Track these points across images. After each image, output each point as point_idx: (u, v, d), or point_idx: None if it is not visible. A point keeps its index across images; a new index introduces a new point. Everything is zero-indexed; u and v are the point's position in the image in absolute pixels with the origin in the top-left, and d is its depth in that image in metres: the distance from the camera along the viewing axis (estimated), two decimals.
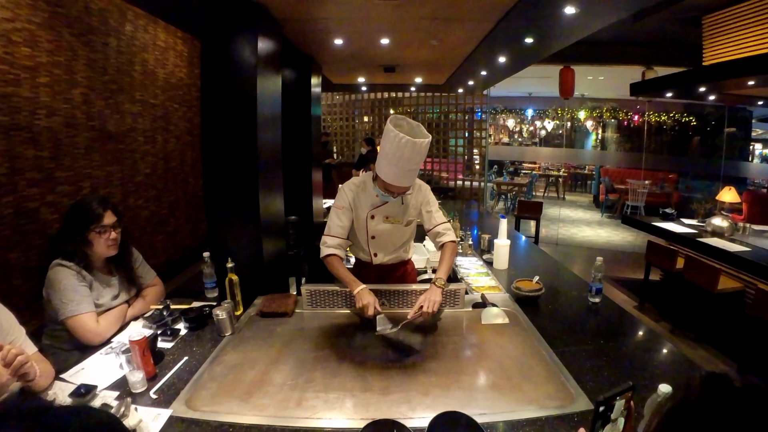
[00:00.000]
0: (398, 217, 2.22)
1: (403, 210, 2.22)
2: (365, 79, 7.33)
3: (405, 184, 2.01)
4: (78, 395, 1.39)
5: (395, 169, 1.94)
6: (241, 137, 2.59)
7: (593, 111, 12.95)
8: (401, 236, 2.30)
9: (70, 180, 3.49)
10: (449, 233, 2.24)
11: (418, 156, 1.93)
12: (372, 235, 2.24)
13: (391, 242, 2.30)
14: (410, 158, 1.90)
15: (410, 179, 2.03)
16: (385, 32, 3.77)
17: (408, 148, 1.87)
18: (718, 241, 4.06)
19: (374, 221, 2.20)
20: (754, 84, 4.41)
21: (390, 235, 2.26)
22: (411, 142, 1.86)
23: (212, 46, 2.56)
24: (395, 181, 1.98)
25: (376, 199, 2.16)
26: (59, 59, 3.32)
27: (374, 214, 2.19)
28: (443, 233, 2.23)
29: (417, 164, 1.97)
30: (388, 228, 2.22)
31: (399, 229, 2.25)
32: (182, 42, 5.18)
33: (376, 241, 2.26)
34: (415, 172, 2.02)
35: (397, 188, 2.01)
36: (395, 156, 1.90)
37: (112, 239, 1.90)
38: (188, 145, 5.48)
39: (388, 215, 2.20)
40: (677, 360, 1.78)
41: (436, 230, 2.24)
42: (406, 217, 2.23)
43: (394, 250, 2.34)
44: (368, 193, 2.19)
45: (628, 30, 5.36)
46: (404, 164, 1.92)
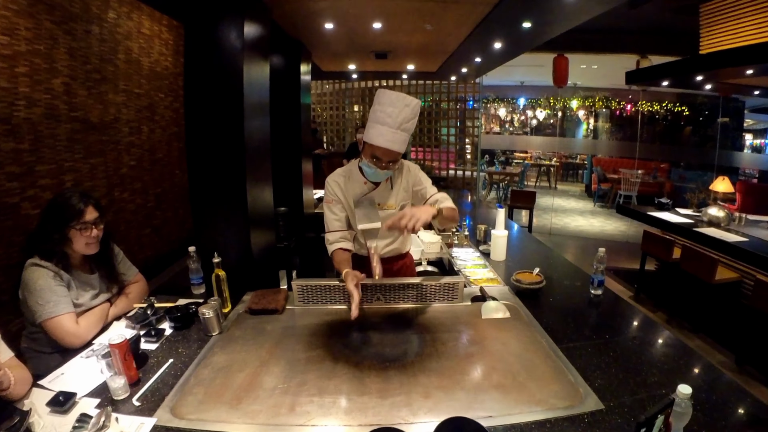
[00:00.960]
0: (390, 203, 2.12)
1: (393, 194, 2.12)
2: (356, 66, 7.21)
3: (395, 147, 1.87)
4: (56, 404, 1.29)
5: (385, 129, 1.84)
6: (228, 126, 2.48)
7: (585, 100, 12.90)
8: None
9: (51, 173, 3.34)
10: (448, 201, 2.11)
11: (411, 113, 1.85)
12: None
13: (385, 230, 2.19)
14: (404, 115, 1.83)
15: (400, 143, 1.88)
16: (377, 15, 3.66)
17: (401, 103, 1.83)
18: (715, 231, 4.03)
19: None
20: (752, 73, 4.36)
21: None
22: (404, 97, 1.84)
23: (196, 30, 2.44)
24: (385, 143, 1.85)
25: (365, 186, 2.08)
26: (39, 48, 3.16)
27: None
28: (442, 201, 2.09)
29: (410, 123, 1.88)
30: (381, 215, 2.11)
31: (391, 216, 2.14)
32: (168, 29, 5.00)
33: (372, 232, 2.17)
34: (406, 136, 1.89)
35: (385, 153, 1.87)
36: (388, 114, 1.83)
37: (94, 236, 1.78)
38: (175, 135, 5.32)
39: (379, 202, 2.10)
40: (686, 354, 1.71)
41: (434, 198, 2.11)
42: (398, 201, 2.14)
43: (393, 241, 2.24)
44: (356, 180, 2.09)
45: (623, 18, 5.28)
46: (398, 122, 1.83)
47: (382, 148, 1.87)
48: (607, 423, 1.28)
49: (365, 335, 1.81)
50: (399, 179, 2.14)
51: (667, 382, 1.48)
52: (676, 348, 1.77)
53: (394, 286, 2.10)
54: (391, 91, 1.88)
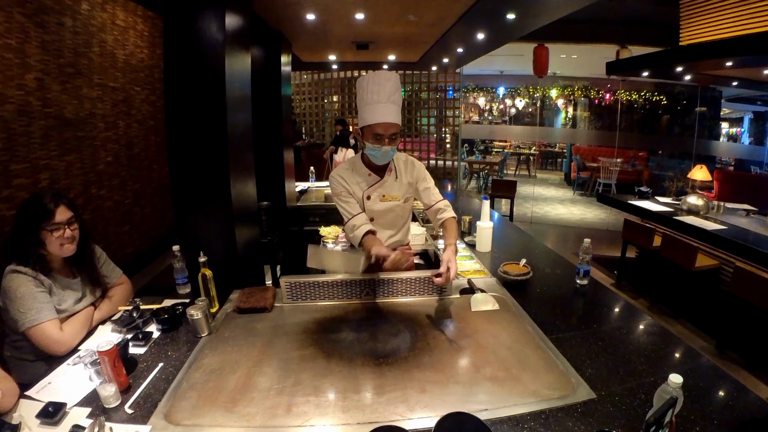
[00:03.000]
0: (395, 194, 2.13)
1: (398, 186, 2.14)
2: (336, 57, 7.14)
3: (390, 119, 1.92)
4: (46, 415, 1.25)
5: (377, 106, 1.91)
6: (210, 119, 2.42)
7: (565, 89, 13.02)
8: (401, 215, 2.22)
9: (26, 172, 3.24)
10: (450, 209, 2.19)
11: (394, 85, 1.93)
12: (371, 216, 2.13)
13: (391, 222, 2.20)
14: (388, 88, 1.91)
15: (393, 114, 1.93)
16: (360, 6, 3.61)
17: (383, 78, 1.92)
18: (695, 219, 4.12)
19: (371, 201, 2.11)
20: (731, 65, 4.45)
21: (389, 215, 2.17)
22: (384, 72, 1.95)
23: (176, 22, 2.37)
24: (381, 118, 1.90)
25: (369, 177, 2.10)
26: (10, 42, 3.05)
27: (370, 194, 2.10)
28: (444, 209, 2.18)
29: (396, 95, 1.94)
30: (387, 207, 2.13)
31: (397, 207, 2.16)
32: (143, 21, 4.88)
33: (376, 223, 2.16)
34: (397, 108, 1.95)
35: (384, 127, 1.91)
36: (374, 92, 1.90)
37: (67, 237, 1.72)
38: (152, 129, 5.21)
39: (385, 193, 2.11)
40: (672, 342, 1.75)
41: (437, 206, 2.18)
42: (402, 193, 2.15)
43: (396, 232, 2.25)
44: (360, 173, 2.11)
45: (604, 8, 5.32)
46: (384, 96, 1.90)
47: (380, 124, 1.91)
48: (600, 412, 1.30)
49: (357, 331, 1.80)
50: (404, 172, 2.16)
51: (655, 370, 1.51)
52: (662, 336, 1.81)
53: (383, 280, 2.10)
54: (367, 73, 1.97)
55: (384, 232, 2.20)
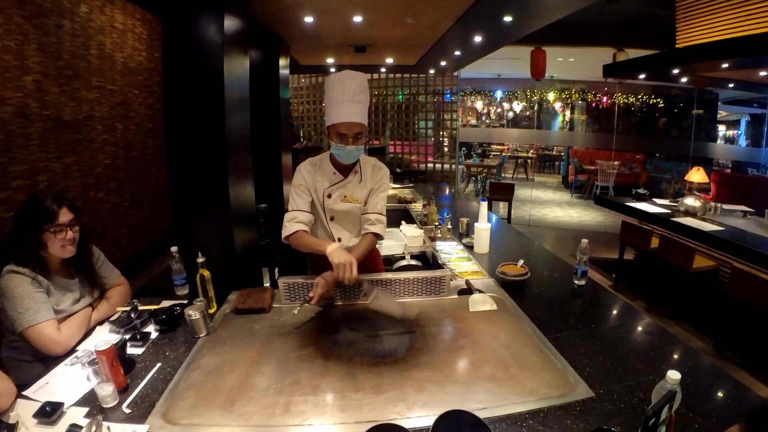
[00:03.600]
0: (356, 196, 2.11)
1: (361, 188, 2.11)
2: (335, 60, 7.16)
3: (354, 118, 1.90)
4: (43, 415, 1.24)
5: (341, 105, 1.90)
6: (208, 122, 2.43)
7: (562, 92, 13.06)
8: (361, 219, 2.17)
9: (24, 174, 3.24)
10: (380, 226, 2.09)
11: (360, 85, 1.91)
12: (330, 215, 2.13)
13: (352, 224, 2.18)
14: (352, 88, 1.89)
15: (358, 114, 1.91)
16: (358, 9, 3.63)
17: (347, 78, 1.90)
18: (692, 221, 4.13)
19: (331, 200, 2.09)
20: (727, 67, 4.48)
21: (349, 216, 2.15)
22: (348, 72, 1.92)
23: (175, 24, 2.38)
24: (344, 117, 1.89)
25: (333, 176, 2.08)
26: (9, 44, 3.05)
27: (331, 193, 2.09)
28: (375, 223, 2.09)
29: (361, 95, 1.92)
30: (346, 208, 2.11)
31: (358, 209, 2.13)
32: (141, 24, 4.89)
33: (336, 223, 2.15)
34: (362, 107, 1.94)
35: (348, 127, 1.90)
36: (338, 92, 1.89)
37: (69, 239, 1.72)
38: (150, 132, 5.21)
39: (346, 194, 2.09)
40: (669, 341, 1.76)
41: (368, 216, 2.10)
42: (364, 196, 2.12)
43: (356, 235, 2.21)
44: (325, 170, 2.09)
45: (600, 11, 5.35)
46: (348, 96, 1.89)
47: (343, 123, 1.90)
48: (598, 410, 1.31)
49: (355, 331, 1.80)
50: (369, 176, 2.14)
51: (653, 369, 1.52)
52: (659, 335, 1.81)
53: (382, 281, 2.10)
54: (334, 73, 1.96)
55: (344, 233, 2.19)
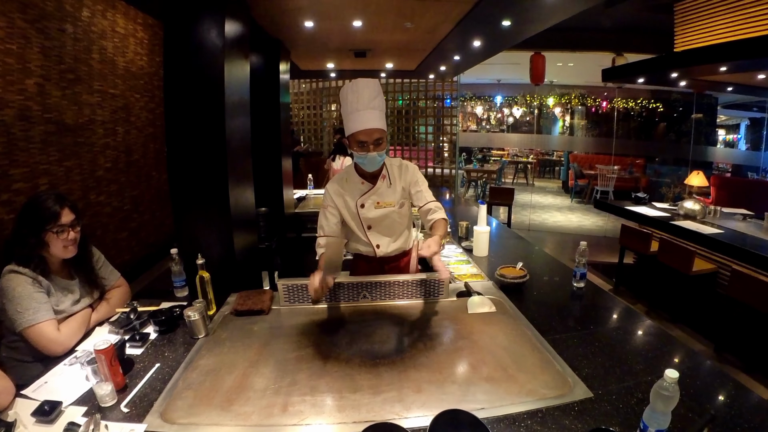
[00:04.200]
0: (389, 200, 2.13)
1: (392, 191, 2.13)
2: (335, 65, 7.19)
3: (372, 124, 1.92)
4: (42, 413, 1.25)
5: (357, 113, 1.92)
6: (209, 125, 2.45)
7: (562, 97, 13.10)
8: (398, 222, 2.21)
9: (25, 177, 3.26)
10: (441, 211, 2.17)
11: (373, 91, 1.93)
12: (367, 225, 2.15)
13: (389, 228, 2.20)
14: (366, 95, 1.91)
15: (376, 120, 1.93)
16: (358, 13, 3.65)
17: (360, 85, 1.92)
18: (691, 224, 4.13)
19: (365, 209, 2.11)
20: (725, 70, 4.50)
21: (386, 221, 2.17)
22: (361, 80, 1.94)
23: (176, 28, 2.40)
24: (362, 125, 1.91)
25: (362, 186, 2.10)
26: (11, 47, 3.07)
27: (363, 202, 2.10)
28: (436, 210, 2.15)
29: (376, 101, 1.94)
30: (382, 213, 2.12)
31: (393, 213, 2.15)
32: (143, 29, 4.92)
33: (374, 231, 2.17)
34: (379, 113, 1.95)
35: (367, 133, 1.92)
36: (353, 101, 1.91)
37: (71, 239, 1.73)
38: (150, 136, 5.23)
39: (379, 200, 2.11)
40: (669, 343, 1.75)
41: (428, 207, 2.16)
42: (397, 199, 2.14)
43: (396, 239, 2.24)
44: (353, 183, 2.11)
45: (599, 16, 5.38)
46: (363, 103, 1.91)
47: (362, 131, 1.92)
48: (597, 410, 1.31)
49: (354, 333, 1.80)
50: (398, 177, 2.16)
51: (652, 370, 1.52)
52: (659, 336, 1.81)
53: (380, 283, 2.10)
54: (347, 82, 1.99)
55: (383, 239, 2.20)
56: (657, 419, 1.12)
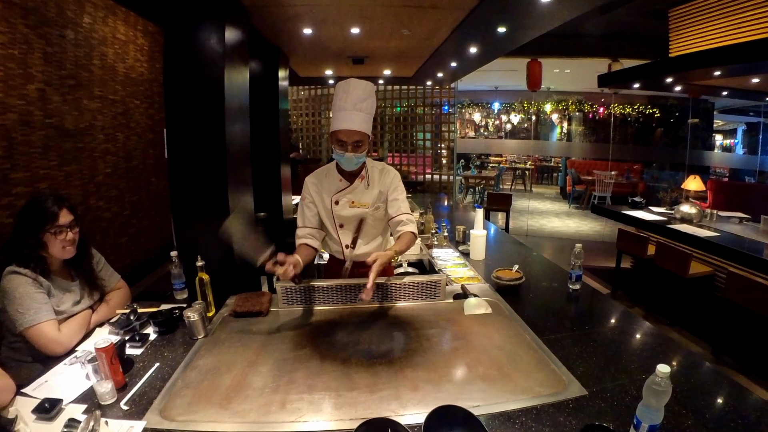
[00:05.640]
0: (364, 201, 2.11)
1: (368, 193, 2.12)
2: (333, 72, 7.25)
3: (353, 126, 1.91)
4: (42, 411, 1.26)
5: (343, 112, 1.91)
6: (209, 130, 2.48)
7: (559, 104, 13.17)
8: (372, 225, 2.18)
9: (26, 181, 3.28)
10: (412, 225, 2.10)
11: (363, 93, 1.91)
12: (339, 222, 2.14)
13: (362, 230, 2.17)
14: (355, 96, 1.90)
15: (358, 122, 1.91)
16: (355, 21, 3.70)
17: (352, 85, 1.91)
18: (688, 227, 4.16)
19: (339, 206, 2.11)
20: (720, 74, 4.55)
21: (357, 222, 2.13)
22: (354, 80, 1.93)
23: (176, 35, 2.43)
24: (344, 125, 1.90)
25: (340, 183, 2.10)
26: (13, 52, 3.11)
27: (338, 199, 2.10)
28: (406, 223, 2.09)
29: (364, 103, 1.92)
30: (354, 213, 2.11)
31: (366, 214, 2.12)
32: (143, 35, 4.96)
33: (346, 230, 2.16)
34: (365, 116, 1.94)
35: (347, 134, 1.91)
36: (342, 98, 1.90)
37: (69, 240, 1.75)
38: (150, 142, 5.26)
39: (354, 200, 2.11)
40: (663, 342, 1.77)
41: (400, 218, 2.09)
42: (372, 201, 2.12)
43: (368, 242, 2.22)
44: (332, 178, 2.12)
45: (595, 23, 5.43)
46: (351, 104, 1.90)
47: (342, 131, 1.92)
48: (591, 408, 1.32)
49: (351, 334, 1.82)
50: (377, 180, 2.14)
51: (646, 368, 1.53)
52: (654, 336, 1.83)
53: (377, 285, 2.10)
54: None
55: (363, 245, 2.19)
56: (650, 415, 1.13)
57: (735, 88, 6.20)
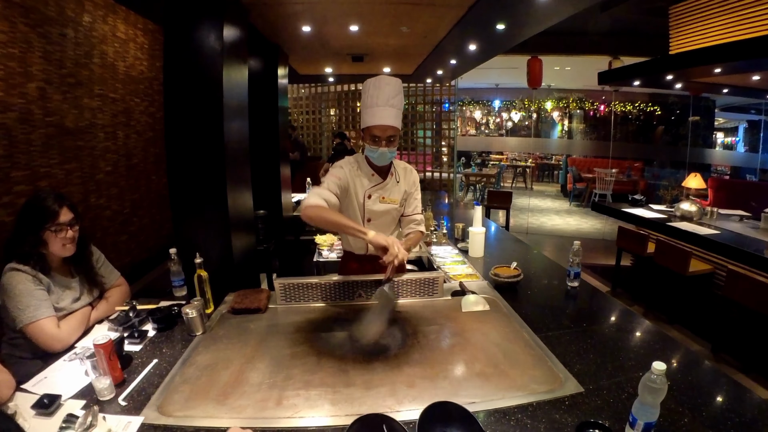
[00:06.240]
0: (394, 197, 2.16)
1: (397, 190, 2.17)
2: (332, 70, 7.24)
3: (387, 121, 1.96)
4: (41, 406, 1.27)
5: (376, 109, 1.96)
6: (207, 128, 2.48)
7: (560, 101, 13.15)
8: (394, 219, 2.24)
9: (26, 179, 3.28)
10: (423, 226, 2.27)
11: (394, 90, 1.97)
12: (368, 217, 2.15)
13: (386, 225, 2.22)
14: (387, 92, 1.95)
15: (392, 117, 1.97)
16: (354, 18, 3.69)
17: (383, 82, 1.97)
18: (688, 225, 4.15)
19: (371, 201, 2.12)
20: (720, 72, 4.54)
21: (386, 217, 2.18)
22: (384, 77, 1.98)
23: (175, 33, 2.44)
24: (378, 120, 1.95)
25: (373, 178, 2.12)
26: (13, 51, 3.11)
27: (371, 194, 2.12)
28: (420, 223, 2.25)
29: (395, 99, 1.97)
30: (384, 209, 2.15)
31: (394, 210, 2.18)
32: (143, 33, 4.96)
33: (372, 225, 2.17)
34: (396, 111, 1.99)
35: (381, 129, 1.96)
36: (374, 95, 1.95)
37: (69, 238, 1.76)
38: (150, 141, 5.26)
39: (384, 195, 2.14)
40: (661, 339, 1.78)
41: (415, 217, 2.24)
42: (400, 198, 2.18)
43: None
44: (364, 171, 2.13)
45: (595, 20, 5.42)
46: (383, 100, 1.94)
47: (377, 126, 1.96)
48: (587, 405, 1.33)
49: (348, 331, 1.82)
50: (403, 178, 2.20)
51: (643, 366, 1.53)
52: (652, 334, 1.84)
53: (375, 282, 2.12)
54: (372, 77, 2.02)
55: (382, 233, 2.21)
56: (646, 412, 1.14)
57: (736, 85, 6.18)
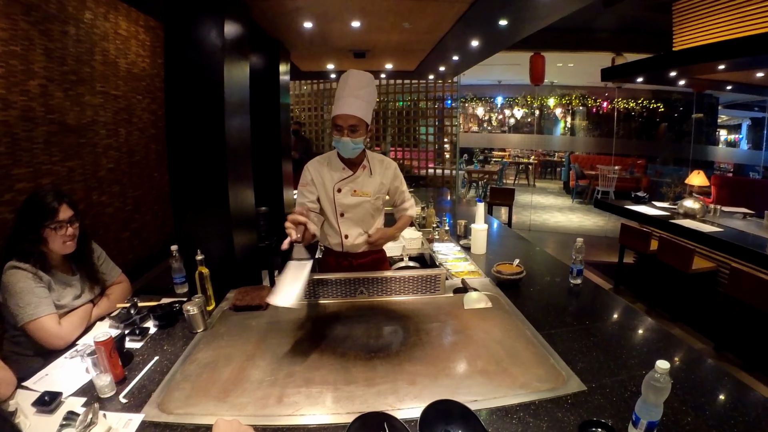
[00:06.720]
0: (366, 190, 2.16)
1: (370, 182, 2.17)
2: (334, 66, 7.23)
3: (348, 111, 1.97)
4: (42, 403, 1.27)
5: (341, 99, 1.99)
6: (209, 124, 2.48)
7: (562, 98, 13.10)
8: (370, 213, 2.22)
9: (28, 177, 3.28)
10: (412, 210, 2.37)
11: (361, 82, 2.01)
12: (341, 211, 2.16)
13: (360, 218, 2.21)
14: (353, 84, 1.99)
15: (354, 107, 1.98)
16: (356, 14, 3.68)
17: (351, 76, 2.01)
18: (691, 223, 4.13)
19: (341, 194, 2.13)
20: (723, 68, 4.51)
21: (358, 210, 2.18)
22: (354, 70, 2.04)
23: (176, 29, 2.43)
24: (340, 109, 1.98)
25: (343, 171, 2.13)
26: (15, 49, 3.10)
27: (341, 187, 2.13)
28: (408, 208, 2.34)
29: (362, 91, 1.99)
30: (356, 201, 2.15)
31: (367, 203, 2.17)
32: (144, 30, 4.95)
33: (346, 219, 2.18)
34: (362, 102, 1.99)
35: (343, 118, 1.97)
36: (342, 87, 2.00)
37: (69, 235, 1.76)
38: (152, 138, 5.26)
39: (356, 188, 2.14)
40: (664, 338, 1.77)
41: (404, 206, 2.35)
42: (374, 190, 2.17)
43: (365, 232, 2.24)
44: (334, 166, 2.15)
45: (598, 16, 5.39)
46: (348, 91, 1.98)
47: (339, 115, 1.98)
48: (589, 403, 1.32)
49: (350, 328, 1.82)
50: (378, 171, 2.20)
51: (646, 364, 1.52)
52: (655, 332, 1.83)
53: (377, 279, 2.12)
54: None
55: (353, 229, 2.21)
56: (649, 411, 1.13)
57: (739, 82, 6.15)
